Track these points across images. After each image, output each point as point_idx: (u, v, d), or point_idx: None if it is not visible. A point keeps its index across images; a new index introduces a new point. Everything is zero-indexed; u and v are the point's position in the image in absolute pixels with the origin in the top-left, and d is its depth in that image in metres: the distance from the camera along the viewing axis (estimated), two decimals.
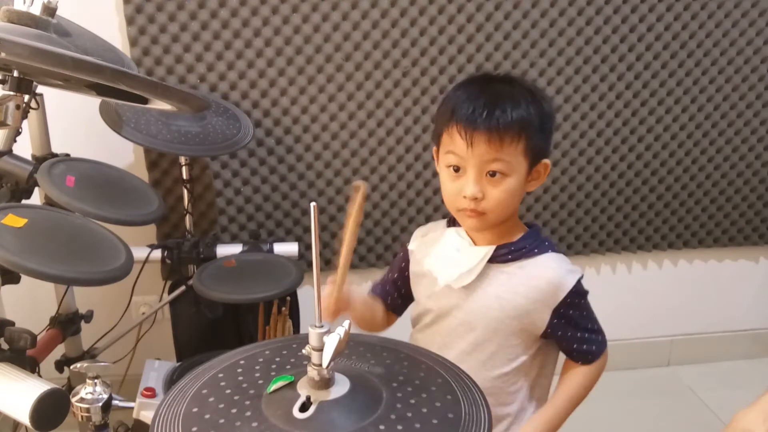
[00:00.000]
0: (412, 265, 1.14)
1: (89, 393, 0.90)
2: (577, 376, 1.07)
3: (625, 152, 1.98)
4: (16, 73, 1.14)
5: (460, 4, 1.78)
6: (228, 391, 0.66)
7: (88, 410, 0.90)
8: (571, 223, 2.04)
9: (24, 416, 0.94)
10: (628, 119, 1.95)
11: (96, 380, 0.91)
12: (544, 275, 1.02)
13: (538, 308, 1.01)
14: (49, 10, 1.15)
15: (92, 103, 1.44)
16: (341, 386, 0.64)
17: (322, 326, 0.63)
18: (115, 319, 1.71)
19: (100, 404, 0.90)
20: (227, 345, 1.43)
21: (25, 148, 1.39)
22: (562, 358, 1.10)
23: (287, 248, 1.68)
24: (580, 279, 1.03)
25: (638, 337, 2.22)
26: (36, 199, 1.29)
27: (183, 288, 1.66)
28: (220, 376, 0.69)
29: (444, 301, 1.06)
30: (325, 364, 0.62)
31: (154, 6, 1.69)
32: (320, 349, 0.62)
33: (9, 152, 1.27)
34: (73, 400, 0.90)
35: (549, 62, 1.87)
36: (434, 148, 1.06)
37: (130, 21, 1.69)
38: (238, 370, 0.70)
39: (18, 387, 0.97)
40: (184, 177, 1.73)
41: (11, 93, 1.15)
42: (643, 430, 1.93)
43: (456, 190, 0.99)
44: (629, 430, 1.93)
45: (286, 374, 0.67)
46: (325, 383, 0.64)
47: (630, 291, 2.17)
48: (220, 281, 1.48)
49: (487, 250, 1.03)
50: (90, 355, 1.65)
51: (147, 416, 1.23)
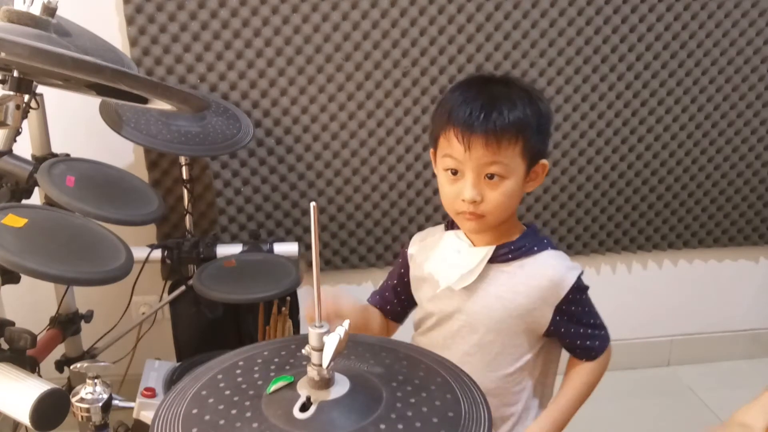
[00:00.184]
0: (413, 270, 1.14)
1: (89, 393, 0.90)
2: (581, 374, 1.07)
3: (625, 152, 1.98)
4: (16, 73, 1.14)
5: (460, 4, 1.78)
6: (227, 392, 0.66)
7: (88, 410, 0.90)
8: (571, 223, 2.04)
9: (24, 416, 0.94)
10: (628, 119, 1.95)
11: (96, 380, 0.91)
12: (545, 273, 1.02)
13: (540, 306, 1.01)
14: (49, 10, 1.14)
15: (92, 103, 1.44)
16: (341, 386, 0.64)
17: (322, 326, 0.63)
18: (115, 319, 1.71)
19: (100, 404, 0.90)
20: (227, 345, 1.43)
21: (25, 148, 1.39)
22: (566, 356, 1.10)
23: (287, 248, 1.69)
24: (581, 275, 1.03)
25: (638, 337, 2.22)
26: (36, 199, 1.29)
27: (183, 288, 1.66)
28: (219, 377, 0.69)
29: (446, 303, 1.06)
30: (325, 364, 0.62)
31: (154, 6, 1.69)
32: (320, 349, 0.62)
33: (9, 152, 1.27)
34: (73, 400, 0.90)
35: (549, 62, 1.87)
36: (431, 150, 1.05)
37: (130, 21, 1.69)
38: (237, 371, 0.70)
39: (18, 387, 0.97)
40: (184, 177, 1.73)
41: (11, 93, 1.15)
42: (643, 430, 1.93)
43: (454, 193, 0.99)
44: (629, 430, 1.93)
45: (285, 375, 0.67)
46: (325, 383, 0.64)
47: (630, 291, 2.17)
48: (220, 281, 1.48)
49: (487, 251, 1.03)
50: (90, 355, 1.65)
51: (147, 416, 1.23)
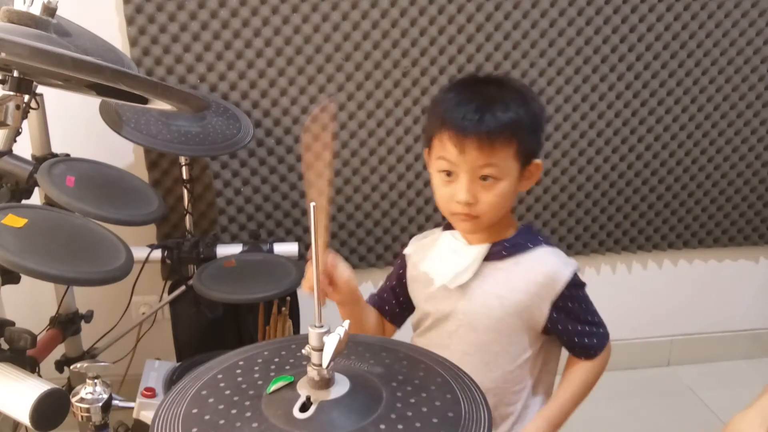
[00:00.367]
0: (409, 270, 1.14)
1: (89, 393, 0.90)
2: (579, 373, 1.07)
3: (625, 152, 1.98)
4: (16, 73, 1.14)
5: (460, 4, 1.78)
6: (227, 392, 0.66)
7: (88, 410, 0.90)
8: (571, 223, 2.04)
9: (24, 416, 0.94)
10: (628, 119, 1.95)
11: (96, 380, 0.91)
12: (541, 269, 1.02)
13: (537, 303, 1.01)
14: (49, 10, 1.15)
15: (92, 103, 1.44)
16: (341, 386, 0.64)
17: (322, 326, 0.63)
18: (115, 319, 1.71)
19: (100, 404, 0.90)
20: (227, 345, 1.43)
21: (25, 148, 1.39)
22: (566, 354, 1.10)
23: (287, 248, 1.69)
24: (576, 271, 1.03)
25: (638, 337, 2.22)
26: (36, 199, 1.29)
27: (183, 288, 1.66)
28: (219, 377, 0.69)
29: (442, 303, 1.06)
30: (325, 364, 0.62)
31: (154, 6, 1.69)
32: (320, 349, 0.62)
33: (9, 152, 1.27)
34: (73, 400, 0.90)
35: (549, 62, 1.87)
36: (425, 150, 1.06)
37: (130, 21, 1.69)
38: (237, 371, 0.70)
39: (18, 387, 0.97)
40: (184, 177, 1.73)
41: (11, 93, 1.15)
42: (643, 430, 1.93)
43: (448, 194, 1.00)
44: (629, 430, 1.93)
45: (285, 375, 0.67)
46: (325, 383, 0.64)
47: (630, 291, 2.17)
48: (220, 281, 1.48)
49: (482, 249, 1.03)
50: (90, 355, 1.65)
51: (147, 416, 1.23)
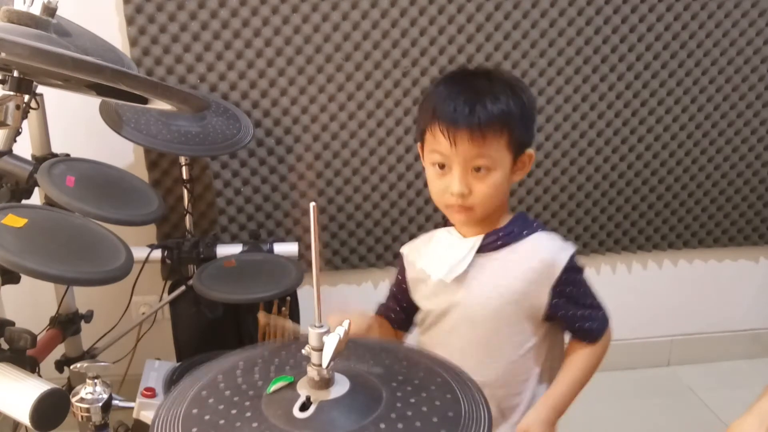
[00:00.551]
0: (408, 272, 1.14)
1: (89, 393, 0.90)
2: (581, 357, 1.06)
3: (625, 152, 1.98)
4: (16, 73, 1.14)
5: (460, 4, 1.78)
6: (227, 393, 0.66)
7: (88, 410, 0.90)
8: (571, 223, 2.04)
9: (24, 416, 0.94)
10: (628, 119, 1.95)
11: (96, 380, 0.91)
12: (537, 254, 1.02)
13: (536, 289, 1.01)
14: (49, 10, 1.15)
15: (92, 103, 1.44)
16: (341, 386, 0.64)
17: (322, 326, 0.63)
18: (115, 319, 1.71)
19: (100, 404, 0.90)
20: (227, 345, 1.43)
21: (25, 148, 1.39)
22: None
23: (287, 248, 1.69)
24: (574, 254, 1.02)
25: (638, 337, 2.22)
26: (36, 199, 1.29)
27: (183, 288, 1.66)
28: (219, 377, 0.69)
29: (441, 298, 1.06)
30: (325, 364, 0.63)
31: (154, 6, 1.69)
32: (320, 349, 0.63)
33: (9, 152, 1.27)
34: (73, 400, 0.90)
35: (549, 62, 1.86)
36: (419, 145, 1.06)
37: (130, 21, 1.69)
38: (237, 372, 0.70)
39: (18, 387, 0.97)
40: (184, 177, 1.73)
41: (11, 93, 1.15)
42: (643, 430, 1.93)
43: (442, 187, 1.00)
44: (629, 430, 1.93)
45: (285, 375, 0.67)
46: (325, 383, 0.64)
47: (630, 291, 2.17)
48: (220, 281, 1.48)
49: (476, 240, 1.04)
50: (90, 355, 1.65)
51: (147, 416, 1.23)
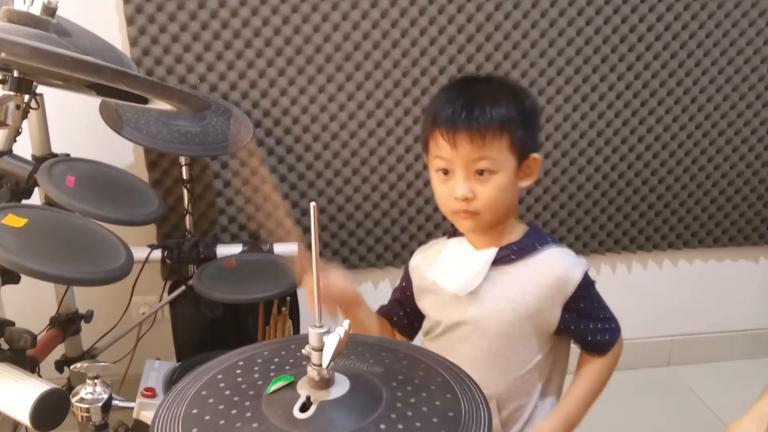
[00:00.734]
0: (416, 281, 1.13)
1: (89, 393, 0.90)
2: (592, 371, 1.06)
3: (625, 152, 1.98)
4: (16, 73, 1.14)
5: (460, 4, 1.78)
6: (227, 392, 0.66)
7: (88, 410, 0.90)
8: (571, 223, 2.04)
9: (24, 416, 0.94)
10: (628, 119, 1.95)
11: (96, 380, 0.91)
12: (551, 270, 1.01)
13: (549, 305, 1.01)
14: (49, 10, 1.15)
15: (92, 103, 1.44)
16: (341, 386, 0.64)
17: (322, 326, 0.63)
18: (115, 319, 1.71)
19: (100, 404, 0.90)
20: (227, 345, 1.43)
21: (25, 148, 1.39)
22: (574, 354, 1.09)
23: (287, 248, 1.68)
24: (587, 270, 1.02)
25: (638, 337, 2.22)
26: (36, 199, 1.29)
27: (183, 288, 1.65)
28: (219, 377, 0.69)
29: (453, 311, 1.05)
30: (325, 364, 0.62)
31: (154, 6, 1.69)
32: (320, 349, 0.62)
33: (9, 152, 1.27)
34: (73, 400, 0.90)
35: (549, 62, 1.87)
36: (426, 155, 1.06)
37: (130, 21, 1.69)
38: (237, 371, 0.70)
39: (18, 387, 0.97)
40: (184, 177, 1.73)
41: (11, 93, 1.15)
42: (643, 430, 1.93)
43: (447, 192, 1.00)
44: (629, 430, 1.93)
45: (285, 375, 0.67)
46: (325, 383, 0.63)
47: (630, 291, 2.17)
48: (220, 281, 1.48)
49: (490, 253, 1.02)
50: (90, 355, 1.65)
51: (147, 416, 1.23)
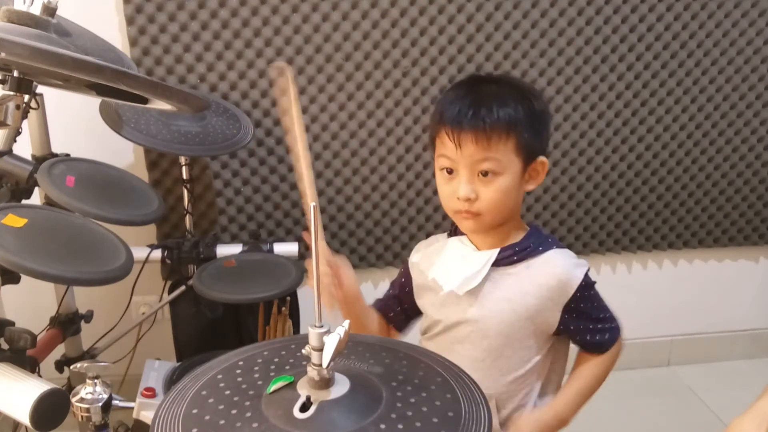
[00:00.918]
0: (416, 278, 1.13)
1: (89, 393, 0.90)
2: (590, 368, 1.06)
3: (625, 152, 1.98)
4: (16, 73, 1.14)
5: (460, 4, 1.78)
6: (227, 392, 0.66)
7: (88, 410, 0.90)
8: (571, 223, 2.04)
9: (24, 416, 0.94)
10: (628, 119, 1.95)
11: (96, 380, 0.91)
12: (553, 272, 1.01)
13: (549, 306, 1.01)
14: (49, 10, 1.15)
15: (92, 103, 1.44)
16: (341, 386, 0.64)
17: (322, 326, 0.63)
18: (115, 319, 1.71)
19: (100, 404, 0.90)
20: (227, 345, 1.43)
21: (25, 148, 1.39)
22: (572, 354, 1.09)
23: (287, 248, 1.69)
24: (587, 272, 1.02)
25: (638, 337, 2.22)
26: (36, 199, 1.29)
27: (183, 288, 1.66)
28: (219, 377, 0.69)
29: (453, 310, 1.05)
30: (325, 364, 0.62)
31: (154, 6, 1.69)
32: (320, 349, 0.62)
33: (9, 152, 1.27)
34: (73, 400, 0.90)
35: (549, 62, 1.87)
36: (432, 152, 1.05)
37: (130, 21, 1.69)
38: (237, 371, 0.70)
39: (18, 387, 0.97)
40: (184, 177, 1.73)
41: (11, 93, 1.15)
42: (643, 430, 1.93)
43: (450, 192, 0.99)
44: (629, 430, 1.93)
45: (285, 375, 0.67)
46: (325, 383, 0.63)
47: (630, 291, 2.17)
48: (220, 281, 1.48)
49: (491, 253, 1.02)
50: (90, 355, 1.65)
51: (147, 416, 1.23)
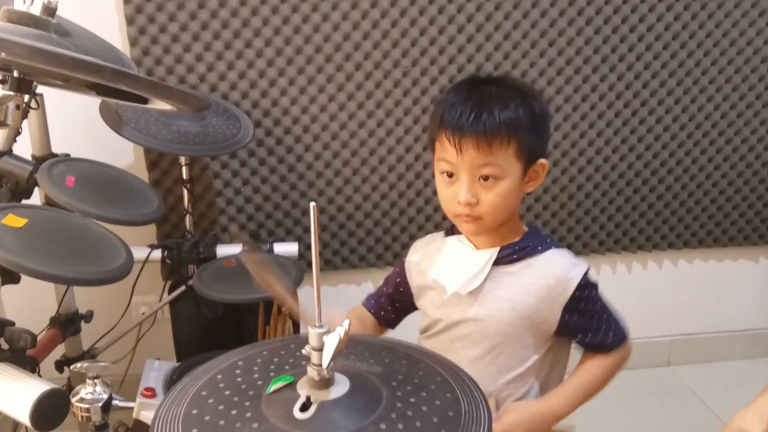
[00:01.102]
0: (415, 278, 1.13)
1: (89, 393, 0.90)
2: (589, 367, 1.06)
3: (625, 152, 1.98)
4: (16, 73, 1.14)
5: (460, 4, 1.78)
6: (227, 393, 0.65)
7: (88, 410, 0.90)
8: (571, 223, 2.04)
9: (24, 416, 0.94)
10: (628, 119, 1.95)
11: (96, 380, 0.91)
12: (552, 272, 1.01)
13: (549, 306, 1.01)
14: (49, 10, 1.14)
15: (92, 103, 1.44)
16: (341, 386, 0.64)
17: (322, 326, 0.63)
18: (115, 319, 1.71)
19: (100, 404, 0.90)
20: (227, 345, 1.42)
21: (25, 148, 1.39)
22: (574, 357, 1.09)
23: (287, 248, 1.69)
24: (587, 272, 1.02)
25: (638, 337, 2.16)
26: (36, 199, 1.29)
27: (183, 288, 1.66)
28: (219, 377, 0.69)
29: (453, 309, 1.05)
30: (325, 364, 0.62)
31: (154, 6, 1.69)
32: (320, 349, 0.62)
33: (9, 152, 1.27)
34: (73, 400, 0.90)
35: (549, 62, 1.86)
36: (431, 153, 1.05)
37: (130, 21, 1.69)
38: (237, 371, 0.70)
39: (18, 387, 0.97)
40: (184, 177, 1.73)
41: (11, 93, 1.15)
42: (643, 430, 1.93)
43: (450, 195, 0.99)
44: (629, 430, 1.93)
45: (285, 375, 0.67)
46: (325, 383, 0.63)
47: (630, 291, 2.17)
48: (220, 281, 1.48)
49: (492, 253, 1.02)
50: (90, 355, 1.65)
51: (147, 416, 1.23)
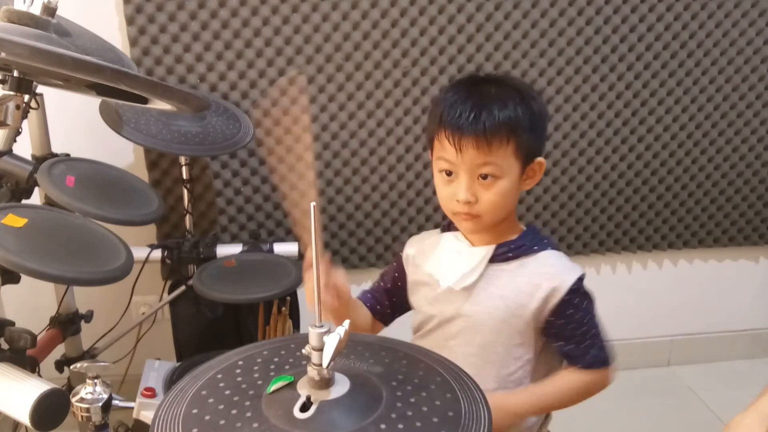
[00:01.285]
0: (410, 273, 1.13)
1: (89, 393, 0.90)
2: (562, 377, 1.04)
3: (625, 152, 1.98)
4: (16, 73, 1.14)
5: (460, 4, 1.78)
6: (227, 392, 0.66)
7: (88, 410, 0.90)
8: (571, 223, 2.04)
9: (24, 416, 0.94)
10: (628, 119, 1.95)
11: (96, 380, 0.91)
12: (546, 272, 1.01)
13: (539, 306, 1.00)
14: (49, 10, 1.14)
15: (92, 103, 1.44)
16: (341, 386, 0.64)
17: (322, 326, 0.63)
18: (115, 319, 1.71)
19: (100, 404, 0.90)
20: (227, 345, 1.42)
21: (25, 148, 1.39)
22: None
23: (287, 248, 1.69)
24: (581, 278, 1.01)
25: (638, 337, 2.22)
26: (36, 199, 1.29)
27: (183, 288, 1.66)
28: (219, 377, 0.69)
29: (447, 305, 1.05)
30: (325, 364, 0.62)
31: (154, 6, 1.69)
32: (320, 349, 0.62)
33: (9, 152, 1.27)
34: (73, 400, 0.90)
35: (549, 62, 1.86)
36: (430, 152, 1.05)
37: (130, 21, 1.69)
38: (237, 371, 0.70)
39: (18, 387, 0.97)
40: (184, 177, 1.73)
41: (11, 93, 1.15)
42: (643, 430, 1.93)
43: (449, 194, 0.99)
44: (629, 430, 1.93)
45: (285, 374, 0.67)
46: (325, 383, 0.63)
47: (630, 291, 2.17)
48: (220, 281, 1.48)
49: (488, 250, 1.03)
50: (90, 355, 1.65)
51: (147, 416, 1.24)
